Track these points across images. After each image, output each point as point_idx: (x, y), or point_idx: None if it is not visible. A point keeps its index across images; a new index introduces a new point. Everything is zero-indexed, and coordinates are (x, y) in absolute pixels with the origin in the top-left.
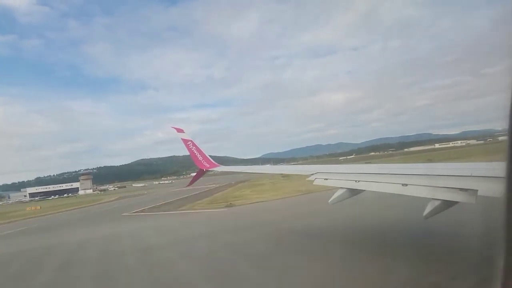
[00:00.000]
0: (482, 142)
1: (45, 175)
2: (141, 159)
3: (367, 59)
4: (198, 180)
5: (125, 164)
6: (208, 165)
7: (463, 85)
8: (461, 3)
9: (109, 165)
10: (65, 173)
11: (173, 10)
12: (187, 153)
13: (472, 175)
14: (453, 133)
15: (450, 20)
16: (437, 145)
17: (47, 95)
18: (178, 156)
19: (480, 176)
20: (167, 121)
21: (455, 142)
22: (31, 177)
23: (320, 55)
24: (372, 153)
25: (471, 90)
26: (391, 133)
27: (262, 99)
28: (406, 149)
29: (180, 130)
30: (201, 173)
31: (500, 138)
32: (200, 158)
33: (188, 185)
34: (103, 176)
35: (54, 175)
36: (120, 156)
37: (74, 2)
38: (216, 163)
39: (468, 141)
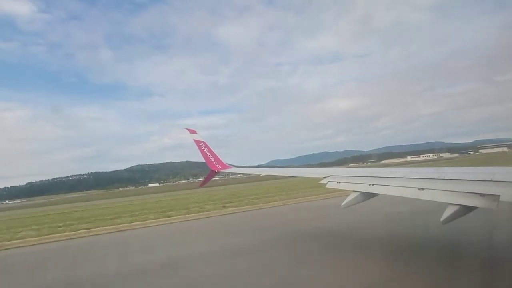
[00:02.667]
0: (457, 155)
1: (37, 180)
2: (136, 165)
3: (374, 65)
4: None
5: (117, 170)
6: (219, 167)
7: (475, 92)
8: (467, 8)
9: (102, 171)
10: (56, 178)
11: (172, 17)
12: (184, 159)
13: (493, 179)
14: (465, 141)
15: (457, 26)
16: (409, 158)
17: (54, 101)
18: (174, 162)
19: (503, 181)
20: (173, 127)
21: (426, 155)
22: (28, 181)
23: (325, 62)
24: (352, 164)
25: (484, 97)
26: (402, 141)
27: (268, 106)
28: (382, 161)
29: (192, 131)
30: (213, 174)
31: (477, 151)
32: (212, 159)
33: (201, 186)
34: (91, 182)
35: (46, 180)
36: (126, 161)
37: (72, 10)
38: (228, 165)
39: (442, 155)
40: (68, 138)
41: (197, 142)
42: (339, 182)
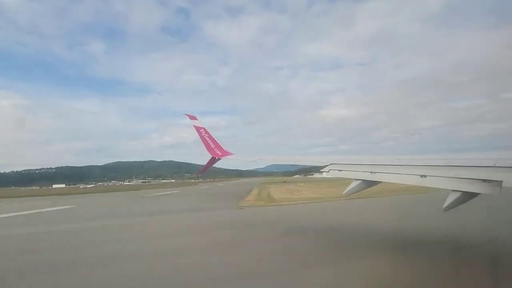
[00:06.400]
0: None
1: (7, 171)
2: (115, 162)
3: (375, 75)
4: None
5: (89, 166)
6: (220, 153)
7: (480, 108)
8: (470, 22)
9: (71, 165)
10: (24, 170)
11: (170, 14)
12: (166, 159)
13: (496, 165)
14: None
15: (460, 39)
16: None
17: (52, 93)
18: (155, 161)
19: (505, 166)
20: (173, 125)
21: None
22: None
23: (325, 69)
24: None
25: (489, 113)
26: (404, 153)
27: (268, 110)
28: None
29: (192, 117)
30: (213, 160)
31: None
32: (213, 146)
33: (200, 172)
34: (58, 175)
35: (16, 171)
36: (121, 156)
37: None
38: (229, 152)
39: None
40: (64, 130)
41: (197, 128)
42: (341, 171)
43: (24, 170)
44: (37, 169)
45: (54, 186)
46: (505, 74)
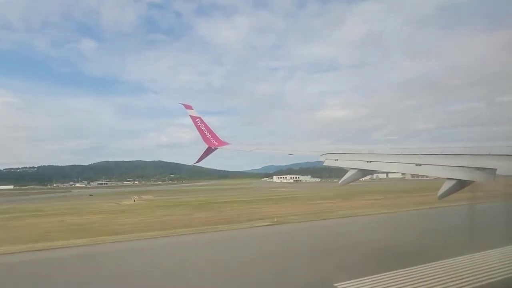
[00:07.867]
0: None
1: None
2: (102, 161)
3: (372, 77)
4: None
5: (74, 165)
6: (216, 143)
7: (476, 111)
8: (466, 25)
9: (54, 164)
10: (5, 169)
11: (162, 13)
12: (156, 159)
13: (491, 153)
14: None
15: (454, 42)
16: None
17: (46, 90)
18: (143, 161)
19: (500, 154)
20: (170, 125)
21: (283, 176)
22: None
23: (321, 70)
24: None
25: (484, 117)
26: None
27: (264, 111)
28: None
29: (188, 107)
30: (209, 150)
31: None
32: (209, 135)
33: (196, 162)
34: (38, 175)
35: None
36: (120, 156)
37: None
38: (225, 141)
39: (301, 178)
40: (57, 129)
41: (193, 118)
42: (337, 160)
43: (5, 169)
44: (18, 168)
45: (1, 187)
46: (501, 77)
